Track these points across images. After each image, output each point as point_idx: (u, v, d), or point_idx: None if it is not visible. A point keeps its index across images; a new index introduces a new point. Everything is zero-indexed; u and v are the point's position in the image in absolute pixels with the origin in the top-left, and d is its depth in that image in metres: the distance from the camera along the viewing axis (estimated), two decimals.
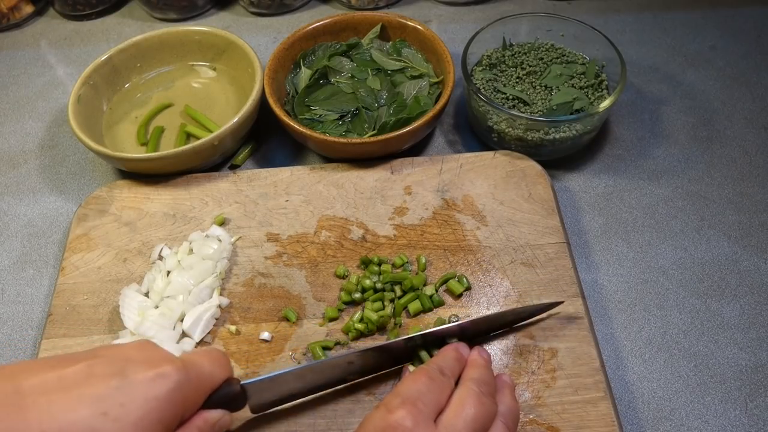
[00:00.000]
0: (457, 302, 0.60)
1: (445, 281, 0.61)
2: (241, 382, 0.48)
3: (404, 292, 0.61)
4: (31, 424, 0.37)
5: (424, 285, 0.61)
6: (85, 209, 0.70)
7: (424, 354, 0.54)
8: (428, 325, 0.59)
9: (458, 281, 0.61)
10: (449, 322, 0.57)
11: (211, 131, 0.73)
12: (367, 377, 0.55)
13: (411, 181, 0.70)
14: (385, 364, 0.55)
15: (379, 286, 0.61)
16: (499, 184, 0.68)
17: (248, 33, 0.94)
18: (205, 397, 0.45)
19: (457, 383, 0.48)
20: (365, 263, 0.63)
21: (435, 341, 0.55)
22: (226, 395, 0.46)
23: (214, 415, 0.45)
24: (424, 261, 0.62)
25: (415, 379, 0.46)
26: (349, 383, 0.55)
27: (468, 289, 0.61)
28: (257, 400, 0.50)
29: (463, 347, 0.52)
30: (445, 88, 0.71)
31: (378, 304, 0.60)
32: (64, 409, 0.38)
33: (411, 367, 0.54)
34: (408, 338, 0.53)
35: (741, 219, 0.69)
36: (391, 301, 0.60)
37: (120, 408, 0.39)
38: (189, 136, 0.77)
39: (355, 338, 0.58)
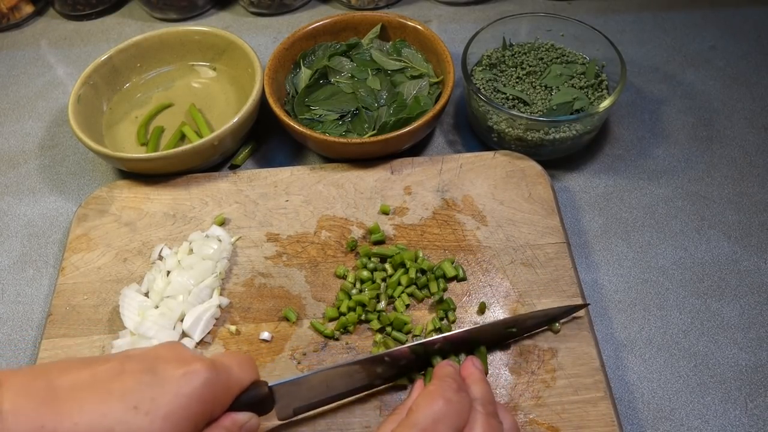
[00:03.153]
0: (457, 302, 0.60)
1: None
2: (269, 384, 0.48)
3: (395, 270, 0.62)
4: (63, 419, 0.38)
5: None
6: (85, 209, 0.70)
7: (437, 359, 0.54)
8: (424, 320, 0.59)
9: (452, 266, 0.61)
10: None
11: (201, 137, 0.73)
12: (391, 383, 0.55)
13: (411, 181, 0.70)
14: (415, 368, 0.55)
15: (370, 266, 0.62)
16: (499, 184, 0.68)
17: (248, 33, 0.94)
18: (233, 397, 0.45)
19: None
20: (351, 248, 0.64)
21: (459, 345, 0.55)
22: (254, 397, 0.47)
23: (243, 417, 0.45)
24: (421, 255, 0.63)
25: (430, 403, 0.44)
26: (374, 389, 0.55)
27: (463, 279, 0.61)
28: (284, 405, 0.50)
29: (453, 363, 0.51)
30: (445, 88, 0.71)
31: (369, 284, 0.61)
32: (96, 403, 0.39)
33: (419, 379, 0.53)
34: (417, 344, 0.53)
35: (741, 219, 0.69)
36: (383, 280, 0.61)
37: (150, 402, 0.39)
38: (183, 137, 0.77)
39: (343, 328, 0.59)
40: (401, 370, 0.55)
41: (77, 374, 0.40)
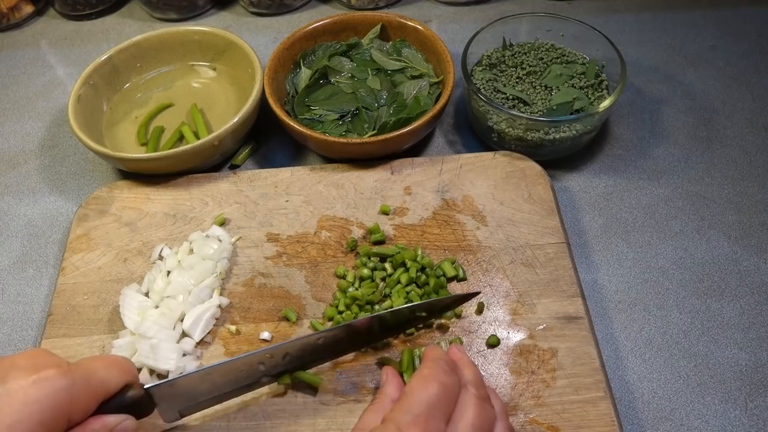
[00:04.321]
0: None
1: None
2: (146, 386, 0.47)
3: (395, 269, 0.62)
4: None
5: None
6: (85, 209, 0.70)
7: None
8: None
9: (452, 265, 0.61)
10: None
11: (198, 138, 0.73)
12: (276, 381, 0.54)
13: (411, 181, 0.70)
14: (312, 362, 0.54)
15: (370, 266, 0.62)
16: (499, 185, 0.68)
17: (248, 33, 0.94)
18: (98, 401, 0.44)
19: None
20: (351, 248, 0.64)
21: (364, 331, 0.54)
22: (128, 399, 0.46)
23: (113, 419, 0.45)
24: (420, 252, 0.63)
25: (425, 387, 0.44)
26: (266, 385, 0.54)
27: (463, 279, 0.61)
28: (167, 406, 0.50)
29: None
30: (445, 88, 0.71)
31: (368, 282, 0.61)
32: None
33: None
34: (332, 329, 0.52)
35: (741, 219, 0.69)
36: (383, 279, 0.61)
37: None
38: (182, 138, 0.77)
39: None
40: (289, 366, 0.53)
41: None
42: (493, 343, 0.57)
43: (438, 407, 0.43)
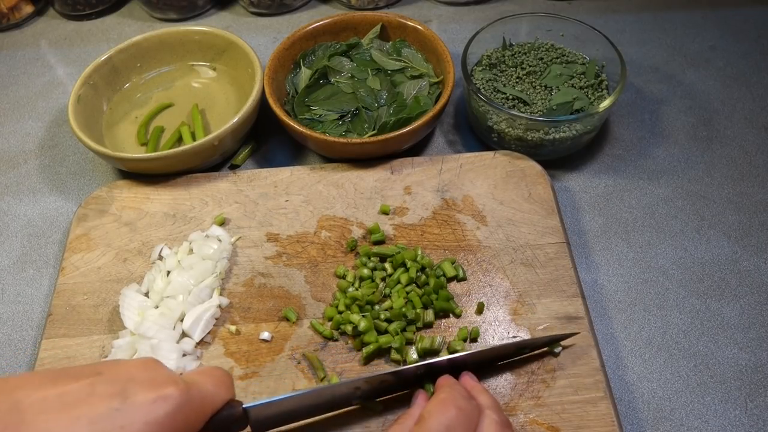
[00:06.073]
0: (457, 302, 0.60)
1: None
2: (244, 405, 0.47)
3: (395, 269, 0.62)
4: None
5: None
6: (85, 209, 0.70)
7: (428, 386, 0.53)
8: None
9: (452, 265, 0.61)
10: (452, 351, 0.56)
11: (195, 139, 0.73)
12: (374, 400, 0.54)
13: (411, 181, 0.70)
14: (394, 390, 0.54)
15: (370, 265, 0.62)
16: (499, 184, 0.68)
17: (248, 33, 0.94)
18: (207, 418, 0.44)
19: None
20: (351, 248, 0.64)
21: (445, 369, 0.53)
22: (228, 418, 0.46)
23: None
24: (420, 252, 0.63)
25: (443, 411, 0.44)
26: (354, 407, 0.54)
27: (463, 279, 0.61)
28: (259, 423, 0.49)
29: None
30: (445, 88, 0.71)
31: (368, 282, 0.61)
32: (62, 430, 0.37)
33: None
34: (419, 365, 0.52)
35: (741, 219, 0.69)
36: (383, 279, 0.61)
37: (119, 430, 0.38)
38: (181, 139, 0.77)
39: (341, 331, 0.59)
40: (383, 391, 0.54)
41: (44, 392, 0.38)
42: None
43: (456, 430, 0.44)
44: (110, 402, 0.39)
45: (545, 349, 0.56)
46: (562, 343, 0.57)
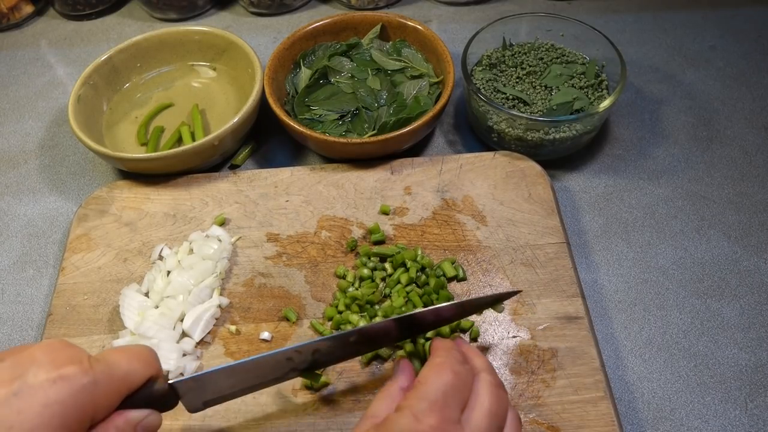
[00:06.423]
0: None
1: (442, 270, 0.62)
2: (170, 381, 0.45)
3: (395, 269, 0.62)
4: None
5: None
6: (85, 209, 0.70)
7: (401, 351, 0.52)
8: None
9: (452, 266, 0.61)
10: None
11: (195, 139, 0.73)
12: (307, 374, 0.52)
13: (411, 181, 0.70)
14: (336, 359, 0.52)
15: (370, 265, 0.62)
16: (499, 185, 0.68)
17: (248, 33, 0.94)
18: (121, 397, 0.42)
19: None
20: (351, 248, 0.64)
21: (393, 335, 0.52)
22: (152, 394, 0.44)
23: (137, 414, 0.43)
24: (420, 252, 0.63)
25: (439, 375, 0.44)
26: (290, 380, 0.52)
27: (463, 279, 0.61)
28: (191, 399, 0.48)
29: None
30: (445, 88, 0.71)
31: (368, 282, 0.61)
32: None
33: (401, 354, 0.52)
34: (351, 332, 0.50)
35: (741, 219, 0.69)
36: (383, 279, 0.61)
37: (17, 416, 0.37)
38: (180, 139, 0.77)
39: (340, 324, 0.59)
40: (318, 362, 0.52)
41: None
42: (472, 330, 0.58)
43: (453, 395, 0.43)
44: (10, 387, 0.38)
45: (491, 309, 0.57)
46: (565, 344, 0.57)
